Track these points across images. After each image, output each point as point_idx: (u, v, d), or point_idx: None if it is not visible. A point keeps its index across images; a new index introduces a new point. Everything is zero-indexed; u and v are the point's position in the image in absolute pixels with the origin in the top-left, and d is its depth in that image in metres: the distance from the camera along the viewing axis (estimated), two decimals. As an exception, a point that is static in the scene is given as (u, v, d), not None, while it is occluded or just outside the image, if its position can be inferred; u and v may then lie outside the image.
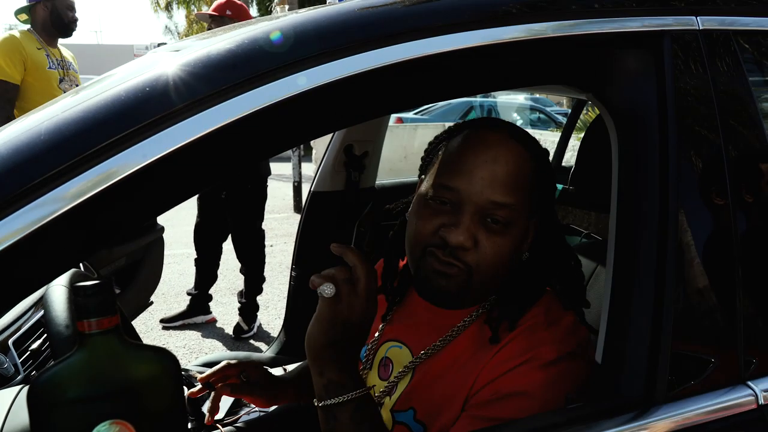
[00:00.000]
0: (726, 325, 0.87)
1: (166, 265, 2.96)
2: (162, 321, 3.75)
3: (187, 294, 3.84)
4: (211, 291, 3.83)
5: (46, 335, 1.47)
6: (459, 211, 0.88)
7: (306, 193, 2.28)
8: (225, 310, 4.00)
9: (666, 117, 0.84)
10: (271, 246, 5.18)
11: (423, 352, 0.95)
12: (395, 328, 1.04)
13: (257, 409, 1.46)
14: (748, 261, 0.87)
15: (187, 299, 3.81)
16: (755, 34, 0.95)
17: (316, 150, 7.38)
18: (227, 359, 1.23)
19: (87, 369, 0.64)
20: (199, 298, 3.76)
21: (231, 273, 4.49)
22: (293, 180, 7.58)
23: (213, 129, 0.66)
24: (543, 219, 0.96)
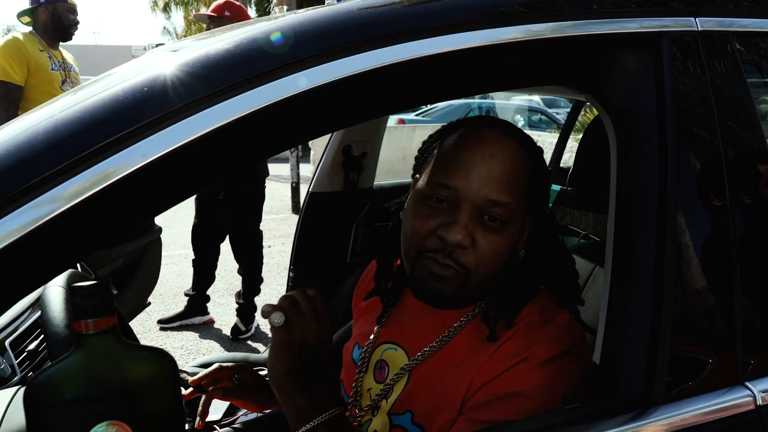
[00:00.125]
0: (724, 326, 0.87)
1: (163, 266, 2.95)
2: (159, 322, 3.74)
3: (185, 295, 3.83)
4: (209, 292, 3.82)
5: (43, 336, 1.46)
6: (456, 209, 0.87)
7: (304, 194, 2.28)
8: (223, 311, 3.99)
9: (665, 118, 0.84)
10: (269, 247, 5.17)
11: (419, 354, 0.94)
12: (390, 330, 1.03)
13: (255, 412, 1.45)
14: (746, 262, 0.88)
15: (185, 300, 3.81)
16: (754, 35, 0.95)
17: (314, 151, 7.37)
18: (224, 360, 1.23)
19: (84, 370, 0.64)
20: (197, 298, 3.76)
21: (229, 274, 4.48)
22: (291, 181, 7.58)
23: (211, 129, 0.66)
24: (538, 217, 0.96)
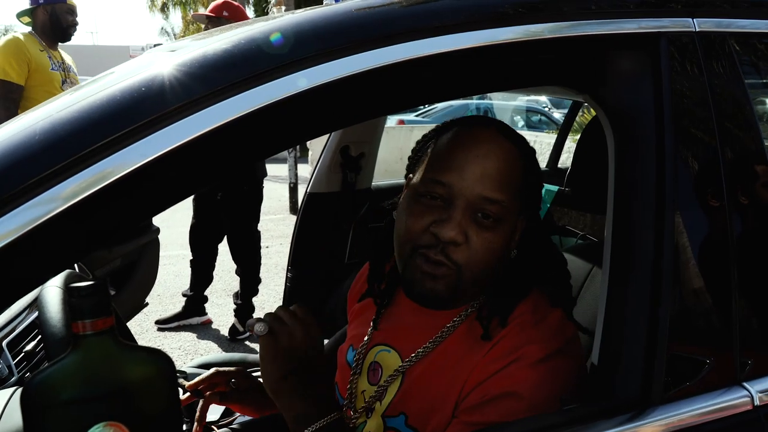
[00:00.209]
0: (722, 327, 0.87)
1: (161, 266, 2.94)
2: (157, 322, 3.73)
3: (183, 295, 3.83)
4: (207, 292, 3.82)
5: (40, 336, 1.46)
6: (450, 206, 0.88)
7: (302, 195, 2.28)
8: (220, 311, 3.99)
9: (662, 118, 0.84)
10: (267, 247, 5.17)
11: (413, 355, 0.94)
12: (384, 331, 1.02)
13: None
14: (743, 262, 0.88)
15: (183, 300, 3.80)
16: (751, 36, 0.95)
17: (312, 151, 7.36)
18: (222, 361, 1.22)
19: (81, 370, 0.64)
20: (195, 299, 3.75)
21: (226, 274, 4.48)
22: (289, 181, 7.58)
23: (209, 129, 0.66)
24: (530, 217, 0.96)
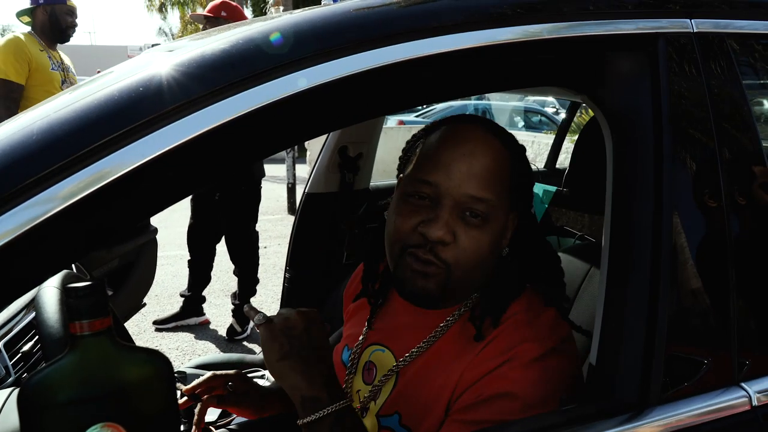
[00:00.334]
0: (720, 327, 0.87)
1: (159, 267, 2.94)
2: (155, 323, 3.73)
3: (181, 295, 3.82)
4: (205, 292, 3.81)
5: (37, 337, 1.46)
6: (437, 206, 0.88)
7: (300, 195, 2.28)
8: (218, 311, 3.98)
9: (660, 119, 0.84)
10: (265, 248, 5.16)
11: (407, 355, 0.94)
12: (378, 331, 1.03)
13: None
14: (741, 263, 0.88)
15: (180, 301, 3.80)
16: (749, 37, 0.95)
17: (310, 151, 7.36)
18: (220, 361, 1.22)
19: (78, 371, 0.64)
20: (193, 299, 3.75)
21: (224, 274, 4.47)
22: (287, 181, 7.57)
23: (207, 129, 0.66)
24: (522, 214, 0.96)
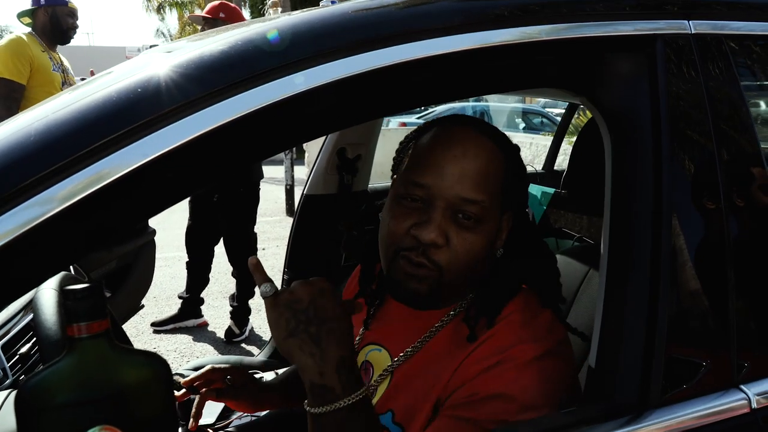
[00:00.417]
0: (719, 329, 0.87)
1: (157, 268, 2.94)
2: (153, 324, 3.72)
3: (179, 297, 3.81)
4: (203, 294, 3.81)
5: (35, 339, 1.45)
6: (430, 208, 0.87)
7: (298, 197, 2.28)
8: (217, 313, 3.98)
9: (659, 120, 0.84)
10: (263, 249, 5.16)
11: (402, 354, 0.94)
12: (375, 331, 1.03)
13: (249, 414, 1.44)
14: (740, 264, 0.88)
15: (179, 303, 3.79)
16: (747, 38, 0.96)
17: (308, 153, 7.36)
18: (217, 363, 1.22)
19: (76, 374, 0.63)
20: (191, 301, 3.74)
21: (223, 276, 4.47)
22: (285, 183, 7.57)
23: (206, 131, 0.66)
24: (516, 215, 0.95)
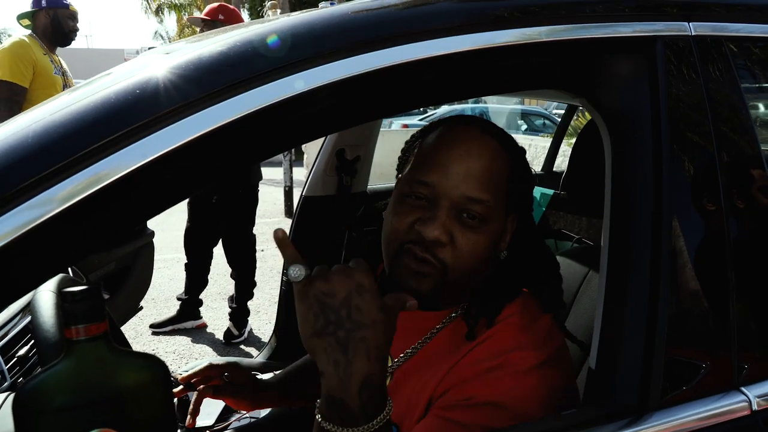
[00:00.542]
0: (719, 331, 0.87)
1: (156, 270, 2.93)
2: (151, 326, 3.72)
3: (177, 299, 3.81)
4: (202, 296, 3.80)
5: (33, 341, 1.45)
6: (434, 206, 0.87)
7: (297, 198, 2.28)
8: (215, 315, 3.97)
9: (659, 122, 0.84)
10: (262, 251, 5.15)
11: (402, 355, 0.94)
12: None
13: (248, 415, 1.44)
14: (740, 266, 0.88)
15: (177, 304, 3.78)
16: (747, 40, 0.96)
17: (307, 154, 7.37)
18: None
19: (74, 376, 0.63)
20: (190, 303, 3.74)
21: (221, 278, 4.46)
22: (284, 184, 7.56)
23: (204, 132, 0.65)
24: (521, 217, 0.95)
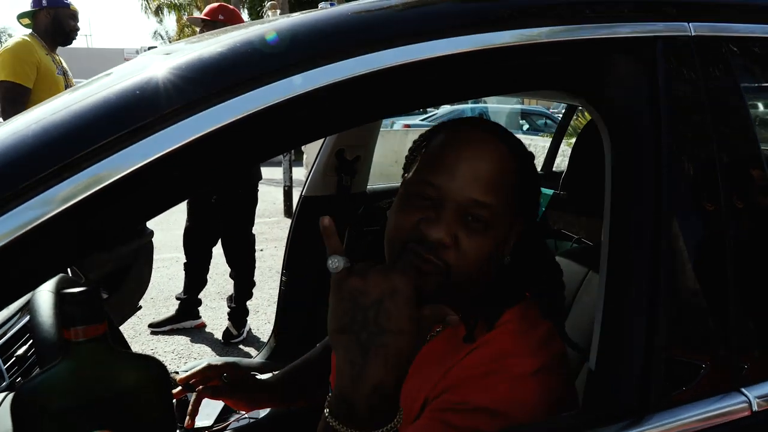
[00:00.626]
0: (719, 331, 0.87)
1: (155, 270, 2.93)
2: (150, 326, 3.71)
3: (176, 298, 3.81)
4: (201, 295, 3.80)
5: (32, 341, 1.45)
6: (440, 208, 0.86)
7: (297, 198, 2.27)
8: (214, 314, 3.97)
9: (659, 122, 0.84)
10: (261, 250, 5.15)
11: None
12: None
13: (247, 416, 1.44)
14: (740, 266, 0.87)
15: (176, 304, 3.78)
16: (746, 40, 0.96)
17: (307, 154, 7.36)
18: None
19: (74, 378, 0.63)
20: (188, 302, 3.74)
21: (220, 277, 4.46)
22: (284, 184, 7.56)
23: (204, 133, 0.65)
24: (527, 223, 0.94)
